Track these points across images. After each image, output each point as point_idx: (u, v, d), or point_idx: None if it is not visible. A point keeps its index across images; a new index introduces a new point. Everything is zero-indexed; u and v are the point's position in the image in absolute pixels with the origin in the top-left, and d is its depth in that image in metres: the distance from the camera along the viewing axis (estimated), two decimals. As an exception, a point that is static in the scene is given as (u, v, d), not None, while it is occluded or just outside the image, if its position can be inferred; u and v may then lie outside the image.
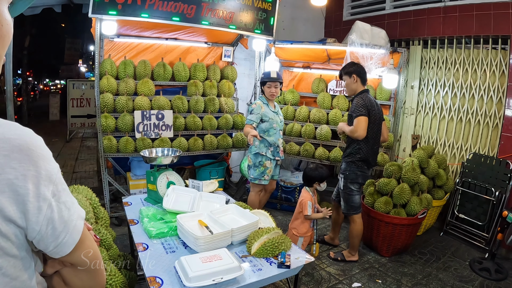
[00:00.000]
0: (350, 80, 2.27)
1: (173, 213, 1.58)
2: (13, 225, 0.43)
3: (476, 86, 3.00)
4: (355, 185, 2.29)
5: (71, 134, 6.70)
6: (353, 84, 2.27)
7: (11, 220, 0.43)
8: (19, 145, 0.43)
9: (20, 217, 0.43)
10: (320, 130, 3.02)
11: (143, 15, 2.27)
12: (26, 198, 0.43)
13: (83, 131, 7.37)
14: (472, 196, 2.80)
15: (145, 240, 1.41)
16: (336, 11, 3.91)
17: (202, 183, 1.83)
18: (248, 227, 1.43)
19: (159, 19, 2.30)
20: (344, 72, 2.30)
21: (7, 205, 0.42)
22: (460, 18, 2.98)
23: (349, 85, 2.29)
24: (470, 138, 3.04)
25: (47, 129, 7.85)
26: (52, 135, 6.93)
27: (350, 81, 2.27)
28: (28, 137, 0.45)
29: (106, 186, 2.69)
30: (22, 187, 0.43)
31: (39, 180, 0.44)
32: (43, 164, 0.46)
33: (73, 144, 6.38)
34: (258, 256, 1.33)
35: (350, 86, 2.28)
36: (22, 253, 0.46)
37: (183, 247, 1.38)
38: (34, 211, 0.44)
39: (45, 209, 0.45)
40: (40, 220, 0.45)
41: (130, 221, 1.59)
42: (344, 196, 2.34)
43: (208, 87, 3.09)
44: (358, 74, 2.25)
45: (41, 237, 0.46)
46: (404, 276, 2.32)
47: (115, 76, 2.88)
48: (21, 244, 0.45)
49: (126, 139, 2.66)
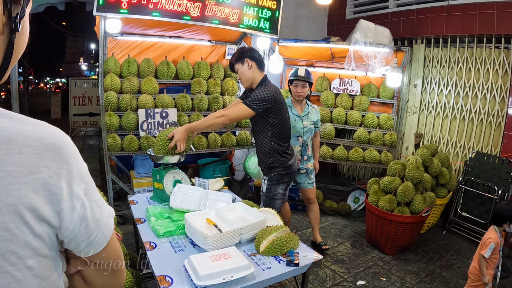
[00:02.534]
0: (244, 68, 1.80)
1: (180, 211, 1.55)
2: (46, 225, 0.42)
3: (479, 85, 2.98)
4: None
5: (73, 133, 6.66)
6: (248, 71, 1.80)
7: (45, 220, 0.42)
8: (52, 144, 0.43)
9: (54, 217, 0.42)
10: (324, 129, 3.01)
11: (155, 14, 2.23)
12: (60, 197, 0.42)
13: (85, 129, 7.33)
14: (475, 195, 2.79)
15: (153, 239, 1.39)
16: (339, 9, 3.88)
17: (208, 181, 1.81)
18: (256, 225, 1.41)
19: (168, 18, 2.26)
20: (235, 60, 1.82)
21: (41, 205, 0.41)
22: (463, 17, 2.96)
23: (243, 73, 1.81)
24: (473, 136, 3.03)
25: (49, 127, 7.80)
26: (54, 134, 6.88)
27: (244, 69, 1.80)
28: (59, 136, 0.44)
29: (110, 185, 2.67)
30: (56, 186, 0.42)
31: (72, 179, 0.44)
32: (75, 163, 0.45)
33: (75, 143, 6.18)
34: (266, 254, 1.32)
35: (245, 75, 1.81)
36: (53, 253, 0.45)
37: (191, 246, 1.36)
38: (68, 210, 0.43)
39: (79, 207, 0.45)
40: (74, 219, 0.44)
41: (137, 220, 1.56)
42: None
43: (212, 85, 3.06)
44: (252, 58, 1.79)
45: (74, 236, 0.45)
46: (408, 274, 2.32)
47: (118, 74, 2.85)
48: (52, 244, 0.44)
49: (130, 138, 2.64)
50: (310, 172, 2.44)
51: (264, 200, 1.93)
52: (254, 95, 1.74)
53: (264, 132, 1.86)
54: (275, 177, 1.90)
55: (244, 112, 1.74)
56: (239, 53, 1.82)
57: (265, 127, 1.85)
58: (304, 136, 2.35)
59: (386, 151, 2.96)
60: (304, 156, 2.39)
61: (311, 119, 2.36)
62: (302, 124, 2.32)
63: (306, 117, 2.35)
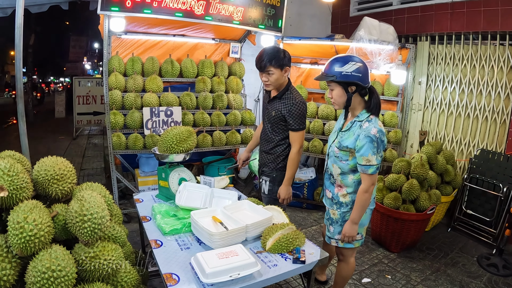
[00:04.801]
0: (281, 74, 1.67)
1: (186, 209, 1.54)
2: None
3: (483, 82, 2.94)
4: None
5: (78, 132, 6.67)
6: (282, 78, 1.70)
7: None
8: None
9: None
10: (329, 126, 2.98)
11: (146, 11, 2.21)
12: None
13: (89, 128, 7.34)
14: (480, 192, 2.76)
15: (159, 237, 1.38)
16: (342, 7, 3.84)
17: (213, 179, 1.80)
18: (262, 223, 1.40)
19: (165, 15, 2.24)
20: (274, 64, 1.62)
21: None
22: (467, 14, 2.91)
23: (278, 79, 1.68)
24: (478, 134, 2.99)
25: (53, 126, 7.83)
26: (58, 133, 6.91)
27: (280, 75, 1.67)
28: None
29: (115, 183, 2.67)
30: None
31: None
32: None
33: (80, 142, 6.36)
34: (273, 251, 1.31)
35: (279, 80, 1.69)
36: None
37: (197, 244, 1.35)
38: None
39: None
40: None
41: (143, 218, 1.56)
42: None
43: (216, 83, 3.04)
44: (289, 65, 1.70)
45: None
46: (413, 272, 2.30)
47: (123, 73, 2.84)
48: None
49: (135, 136, 2.63)
50: (330, 220, 1.63)
51: (266, 202, 1.88)
52: (295, 115, 1.71)
53: (285, 136, 1.82)
54: (278, 178, 1.87)
55: (301, 137, 1.77)
56: (280, 57, 1.65)
57: (287, 132, 1.81)
58: (329, 160, 1.61)
59: (391, 148, 2.93)
60: (327, 190, 1.65)
61: (340, 132, 1.54)
62: (333, 141, 1.59)
63: (343, 135, 1.53)
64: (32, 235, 0.95)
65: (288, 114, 1.73)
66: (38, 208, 1.03)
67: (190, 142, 1.70)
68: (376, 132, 1.38)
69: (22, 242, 0.94)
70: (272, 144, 1.86)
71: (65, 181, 1.20)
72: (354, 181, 1.52)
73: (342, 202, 1.55)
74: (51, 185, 1.16)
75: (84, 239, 1.04)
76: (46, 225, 1.00)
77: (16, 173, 1.05)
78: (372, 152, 1.38)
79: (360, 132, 1.42)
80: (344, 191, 1.54)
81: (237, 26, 2.51)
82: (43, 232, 0.98)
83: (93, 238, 1.05)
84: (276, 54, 1.67)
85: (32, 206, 1.01)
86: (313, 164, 3.75)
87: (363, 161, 1.40)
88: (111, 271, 1.08)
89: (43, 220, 1.00)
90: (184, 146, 1.68)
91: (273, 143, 1.86)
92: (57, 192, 1.17)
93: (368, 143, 1.38)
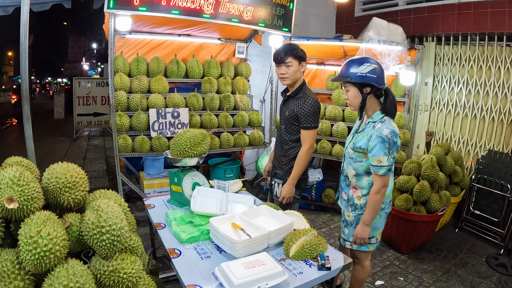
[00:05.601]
0: (298, 67, 1.67)
1: (202, 215, 1.46)
2: None
3: (490, 83, 2.91)
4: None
5: (78, 133, 6.51)
6: (299, 72, 1.69)
7: None
8: None
9: None
10: (337, 127, 2.92)
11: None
12: None
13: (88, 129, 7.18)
14: (488, 193, 2.73)
15: (177, 245, 1.30)
16: (347, 7, 3.78)
17: (228, 183, 1.72)
18: (284, 229, 1.33)
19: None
20: (294, 55, 1.63)
21: None
22: (474, 15, 2.88)
23: (295, 72, 1.66)
24: (485, 134, 2.96)
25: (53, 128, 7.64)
26: (58, 134, 6.74)
27: (297, 68, 1.67)
28: None
29: (120, 187, 2.56)
30: None
31: None
32: None
33: (80, 143, 6.20)
34: (296, 258, 1.24)
35: (296, 74, 1.67)
36: None
37: (217, 252, 1.27)
38: None
39: None
40: None
41: (157, 225, 1.47)
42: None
43: (223, 84, 2.96)
44: (305, 62, 1.70)
45: None
46: (424, 273, 2.26)
47: (127, 73, 2.74)
48: None
49: (141, 138, 2.53)
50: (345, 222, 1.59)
51: (279, 205, 1.80)
52: (306, 112, 1.67)
53: (299, 138, 1.76)
54: None
55: (312, 136, 1.71)
56: (299, 51, 1.66)
57: (299, 134, 1.75)
58: (344, 161, 1.58)
59: (400, 150, 2.89)
60: (343, 192, 1.61)
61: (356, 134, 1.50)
62: (349, 142, 1.55)
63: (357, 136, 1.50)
64: (47, 250, 0.86)
65: (301, 112, 1.69)
66: (51, 220, 0.93)
67: (204, 146, 1.62)
68: (388, 133, 1.35)
69: (36, 258, 0.85)
70: (286, 146, 1.80)
71: (77, 189, 1.10)
72: (368, 183, 1.47)
73: (357, 204, 1.51)
74: (63, 193, 1.07)
75: (103, 252, 0.95)
76: (61, 239, 0.91)
77: (27, 183, 0.96)
78: (383, 153, 1.35)
79: (372, 132, 1.39)
80: (359, 193, 1.50)
81: (247, 26, 2.43)
82: (59, 246, 0.89)
83: (112, 251, 0.96)
84: (294, 47, 1.70)
85: (45, 218, 0.92)
86: (319, 165, 3.69)
87: (375, 162, 1.37)
88: (131, 285, 1.00)
89: (58, 233, 0.91)
90: (198, 150, 1.60)
91: (287, 145, 1.80)
92: (69, 201, 1.08)
93: (379, 144, 1.35)
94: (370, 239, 1.51)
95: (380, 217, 1.50)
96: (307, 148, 1.72)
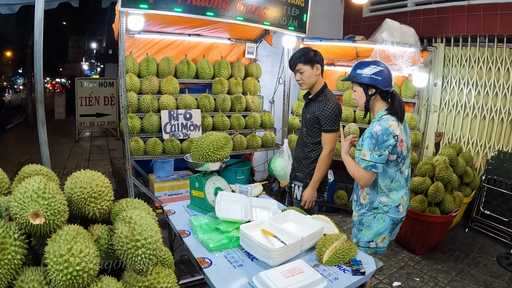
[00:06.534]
0: (312, 71, 1.62)
1: (228, 222, 1.39)
2: None
3: (499, 84, 2.89)
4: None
5: (80, 134, 6.34)
6: (314, 76, 1.63)
7: None
8: None
9: None
10: (349, 129, 2.86)
11: (177, 10, 2.02)
12: None
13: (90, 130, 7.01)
14: (498, 193, 2.71)
15: (206, 254, 1.22)
16: (355, 7, 3.72)
17: (250, 188, 1.64)
18: (315, 234, 1.28)
19: (192, 14, 2.05)
20: (304, 60, 1.60)
21: None
22: (484, 17, 2.84)
23: (309, 77, 1.62)
24: (494, 135, 2.94)
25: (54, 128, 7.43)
26: (60, 135, 6.55)
27: (311, 72, 1.62)
28: None
29: (132, 191, 2.45)
30: None
31: None
32: None
33: (83, 144, 6.04)
34: (330, 264, 1.19)
35: (311, 78, 1.63)
36: None
37: (249, 260, 1.20)
38: None
39: None
40: None
41: (181, 233, 1.39)
42: None
43: (234, 84, 2.87)
44: (321, 64, 1.64)
45: None
46: (439, 273, 2.24)
47: (137, 74, 2.64)
48: None
49: (154, 141, 2.43)
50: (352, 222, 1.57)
51: (299, 207, 1.76)
52: (327, 115, 1.64)
53: (320, 141, 1.72)
54: None
55: (334, 139, 1.68)
56: (309, 55, 1.62)
57: (320, 137, 1.71)
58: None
59: (411, 150, 2.84)
60: (354, 193, 1.56)
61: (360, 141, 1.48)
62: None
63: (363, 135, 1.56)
64: (80, 269, 0.77)
65: (322, 115, 1.65)
66: (81, 235, 0.85)
67: (227, 150, 1.54)
68: (379, 129, 1.34)
69: (68, 278, 0.76)
70: (308, 149, 1.76)
71: (103, 198, 1.01)
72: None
73: (362, 203, 1.50)
74: (88, 204, 0.98)
75: (138, 267, 0.87)
76: (93, 256, 0.82)
77: (53, 195, 0.86)
78: (368, 148, 1.35)
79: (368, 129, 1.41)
80: (365, 192, 1.49)
81: (263, 26, 2.35)
82: (92, 264, 0.80)
83: (148, 265, 0.88)
84: (304, 52, 1.66)
85: (74, 233, 0.83)
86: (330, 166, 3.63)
87: (361, 154, 1.39)
88: (167, 301, 0.92)
89: (90, 249, 0.82)
90: (221, 154, 1.52)
91: (308, 148, 1.75)
92: (95, 211, 0.99)
93: (367, 139, 1.36)
94: (369, 243, 1.47)
95: (383, 221, 1.43)
96: (328, 151, 1.68)
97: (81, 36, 12.05)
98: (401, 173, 1.41)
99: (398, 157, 1.38)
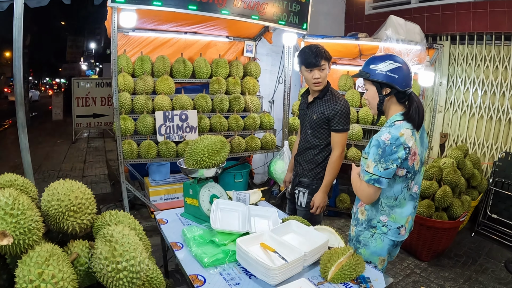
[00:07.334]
0: (328, 69, 1.56)
1: (224, 233, 1.28)
2: None
3: (507, 83, 2.78)
4: None
5: (77, 135, 6.22)
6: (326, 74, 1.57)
7: None
8: None
9: None
10: (352, 130, 2.75)
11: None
12: None
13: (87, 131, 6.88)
14: (505, 196, 2.60)
15: (199, 271, 1.11)
16: (357, 5, 3.60)
17: (248, 194, 1.53)
18: (319, 248, 1.16)
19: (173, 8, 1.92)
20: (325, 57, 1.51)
21: None
22: (491, 14, 2.73)
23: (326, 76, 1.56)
24: (501, 136, 2.83)
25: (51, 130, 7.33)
26: (56, 136, 6.44)
27: (328, 70, 1.56)
28: None
29: (125, 196, 2.34)
30: None
31: None
32: None
33: (79, 145, 5.91)
34: (335, 282, 1.08)
35: (326, 77, 1.57)
36: None
37: (246, 277, 1.09)
38: None
39: None
40: None
41: (173, 245, 1.28)
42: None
43: (232, 84, 2.75)
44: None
45: None
46: (446, 281, 2.14)
47: (131, 73, 2.52)
48: None
49: (148, 143, 2.32)
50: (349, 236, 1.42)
51: (303, 216, 1.62)
52: (339, 114, 1.54)
53: (328, 143, 1.60)
54: (318, 189, 1.63)
55: (344, 139, 1.59)
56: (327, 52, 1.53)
57: (329, 138, 1.58)
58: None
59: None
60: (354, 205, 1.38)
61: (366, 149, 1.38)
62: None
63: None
64: (51, 298, 0.67)
65: (332, 114, 1.53)
66: (55, 256, 0.74)
67: (224, 154, 1.42)
68: (387, 138, 1.10)
69: (37, 309, 0.65)
70: (314, 151, 1.64)
71: (83, 212, 0.90)
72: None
73: (359, 219, 1.30)
74: (67, 218, 0.87)
75: (119, 293, 0.76)
76: (68, 280, 0.71)
77: (22, 211, 0.75)
78: (373, 159, 1.12)
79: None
80: (363, 207, 1.28)
81: (260, 23, 2.23)
82: (65, 291, 0.69)
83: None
84: (323, 49, 1.55)
85: (47, 255, 0.72)
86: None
87: (365, 165, 1.15)
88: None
89: (64, 274, 0.71)
90: (216, 159, 1.41)
91: (315, 150, 1.63)
92: (74, 226, 0.88)
93: (373, 147, 1.13)
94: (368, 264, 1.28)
95: (381, 241, 1.24)
96: (339, 152, 1.56)
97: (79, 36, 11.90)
98: (408, 190, 1.18)
99: (409, 172, 1.14)
